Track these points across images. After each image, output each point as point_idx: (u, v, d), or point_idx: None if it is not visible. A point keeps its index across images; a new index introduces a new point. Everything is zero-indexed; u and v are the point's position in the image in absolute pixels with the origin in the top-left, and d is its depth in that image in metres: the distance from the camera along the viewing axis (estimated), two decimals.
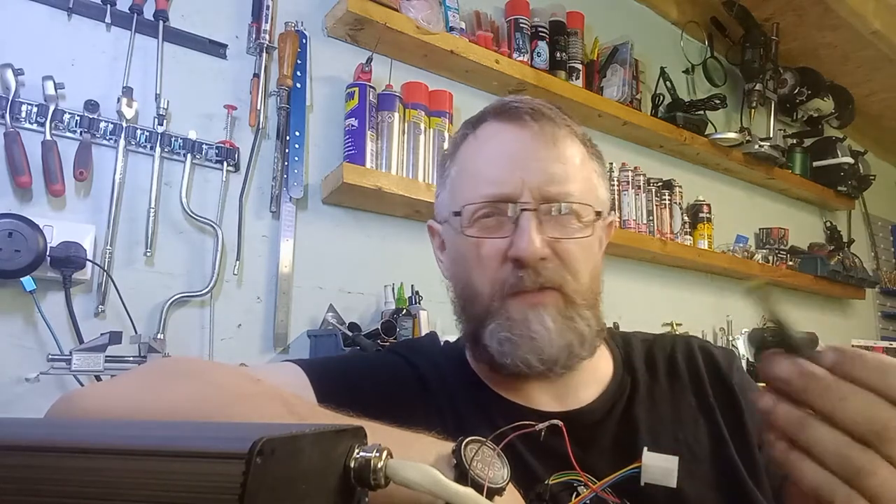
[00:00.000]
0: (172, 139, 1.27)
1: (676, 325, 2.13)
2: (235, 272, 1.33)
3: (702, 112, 2.27)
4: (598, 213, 0.68)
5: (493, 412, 0.67)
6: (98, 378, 1.07)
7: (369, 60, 1.51)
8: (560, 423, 0.56)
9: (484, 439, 0.47)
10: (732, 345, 2.29)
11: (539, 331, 0.63)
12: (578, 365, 0.67)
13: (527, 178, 0.65)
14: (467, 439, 0.46)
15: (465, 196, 0.68)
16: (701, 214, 2.25)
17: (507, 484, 0.46)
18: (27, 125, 1.14)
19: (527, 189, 0.64)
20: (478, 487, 0.43)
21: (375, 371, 0.72)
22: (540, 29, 1.83)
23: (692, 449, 0.67)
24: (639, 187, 2.03)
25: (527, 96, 0.72)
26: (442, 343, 0.81)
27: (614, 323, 1.86)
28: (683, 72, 2.38)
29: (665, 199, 2.11)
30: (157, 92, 1.27)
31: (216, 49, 1.37)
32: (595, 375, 0.72)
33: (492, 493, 0.44)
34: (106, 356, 1.06)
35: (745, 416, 0.70)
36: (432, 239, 0.78)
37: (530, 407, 0.67)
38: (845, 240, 3.00)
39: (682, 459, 0.60)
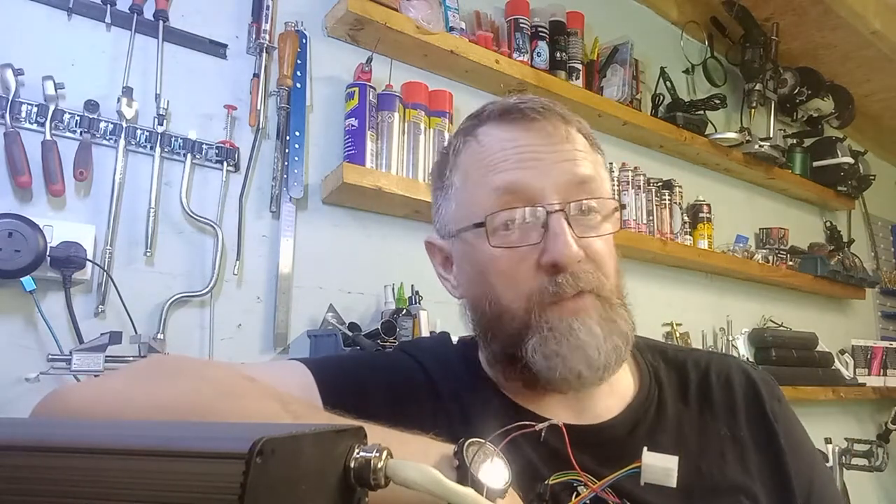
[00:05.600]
0: (172, 139, 1.27)
1: (676, 325, 2.13)
2: (235, 272, 1.33)
3: (702, 112, 2.26)
4: (620, 207, 0.65)
5: (507, 422, 0.63)
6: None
7: (369, 60, 1.51)
8: (560, 423, 0.56)
9: (484, 441, 0.47)
10: (733, 345, 2.29)
11: (586, 339, 0.60)
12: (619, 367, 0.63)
13: (548, 177, 0.61)
14: (469, 440, 0.46)
15: (482, 206, 0.63)
16: (701, 214, 2.25)
17: (509, 487, 0.45)
18: (27, 125, 1.14)
19: (550, 189, 0.61)
20: (478, 488, 0.43)
21: (384, 371, 0.69)
22: (540, 29, 1.83)
23: (715, 482, 0.63)
24: (639, 187, 2.03)
25: (527, 94, 0.68)
26: (455, 342, 0.77)
27: None
28: (683, 72, 2.38)
29: (665, 199, 2.11)
30: (157, 92, 1.27)
31: (216, 49, 1.37)
32: (614, 386, 0.67)
33: (493, 495, 0.44)
34: (106, 356, 1.06)
35: (786, 460, 0.66)
36: (432, 257, 0.74)
37: (546, 418, 0.64)
38: (845, 240, 2.99)
39: (704, 493, 0.58)
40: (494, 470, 0.45)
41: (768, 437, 0.68)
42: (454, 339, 0.78)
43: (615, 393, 0.68)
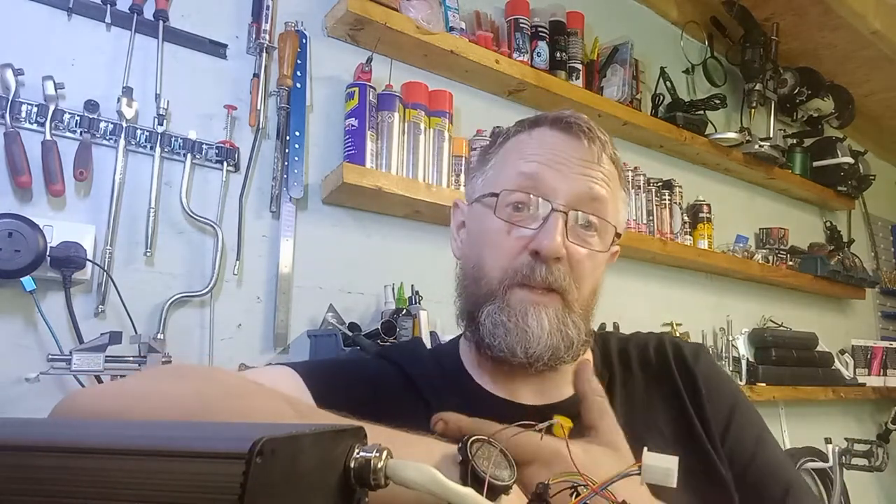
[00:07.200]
0: (172, 139, 1.27)
1: (676, 325, 2.13)
2: (235, 272, 1.33)
3: (702, 112, 2.26)
4: (618, 235, 0.73)
5: (478, 406, 0.67)
6: (98, 378, 1.07)
7: (369, 60, 1.51)
8: (559, 423, 0.56)
9: (488, 437, 0.47)
10: (733, 345, 2.29)
11: (533, 327, 0.67)
12: (560, 365, 0.70)
13: (567, 183, 0.69)
14: (472, 438, 0.46)
15: (505, 181, 0.71)
16: (701, 214, 2.25)
17: (513, 483, 0.46)
18: (27, 125, 1.14)
19: (563, 193, 0.69)
20: (482, 486, 0.43)
21: (365, 373, 0.76)
22: (540, 29, 1.83)
23: (663, 433, 0.72)
24: (639, 187, 2.03)
25: (583, 115, 0.75)
26: (429, 348, 0.86)
27: (614, 323, 1.86)
28: (683, 72, 2.38)
29: (665, 199, 2.11)
30: (157, 92, 1.27)
31: (216, 49, 1.37)
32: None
33: (497, 490, 0.44)
34: (106, 356, 1.06)
35: (704, 401, 0.76)
36: (454, 216, 0.82)
37: (514, 401, 0.72)
38: (845, 240, 2.99)
39: (654, 443, 0.62)
40: (499, 466, 0.45)
41: (695, 387, 0.77)
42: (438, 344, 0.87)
43: None
